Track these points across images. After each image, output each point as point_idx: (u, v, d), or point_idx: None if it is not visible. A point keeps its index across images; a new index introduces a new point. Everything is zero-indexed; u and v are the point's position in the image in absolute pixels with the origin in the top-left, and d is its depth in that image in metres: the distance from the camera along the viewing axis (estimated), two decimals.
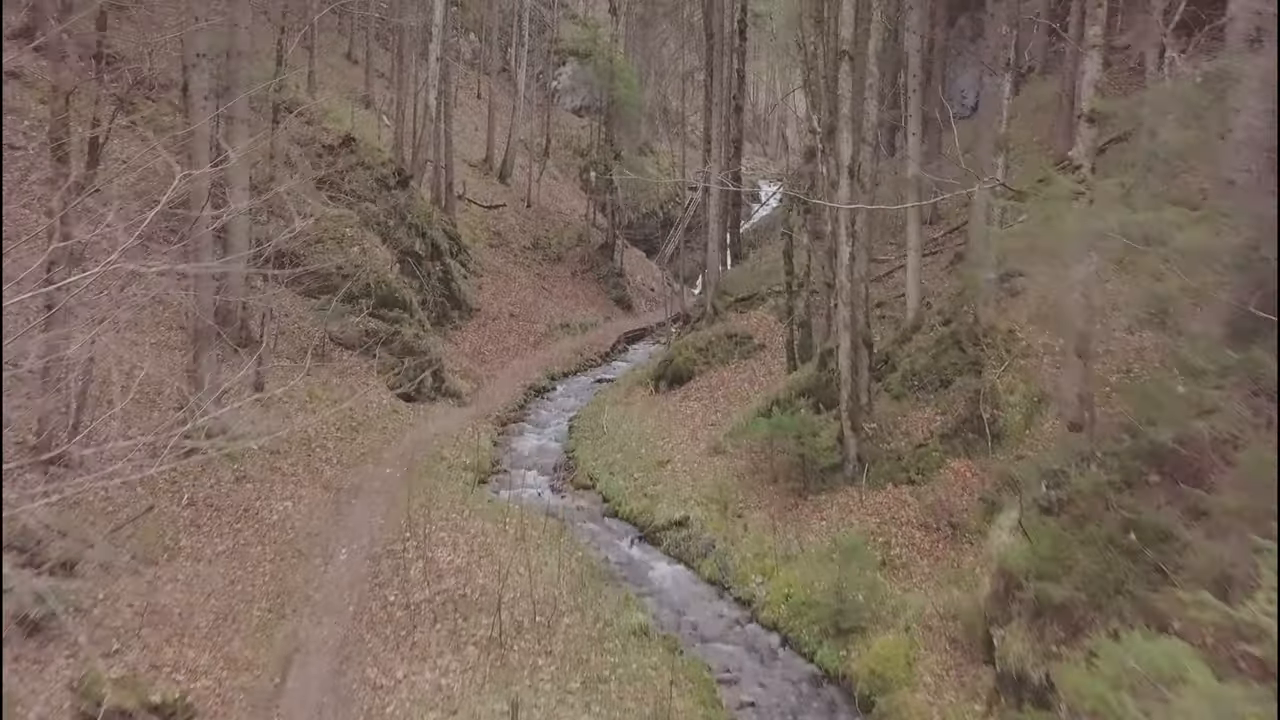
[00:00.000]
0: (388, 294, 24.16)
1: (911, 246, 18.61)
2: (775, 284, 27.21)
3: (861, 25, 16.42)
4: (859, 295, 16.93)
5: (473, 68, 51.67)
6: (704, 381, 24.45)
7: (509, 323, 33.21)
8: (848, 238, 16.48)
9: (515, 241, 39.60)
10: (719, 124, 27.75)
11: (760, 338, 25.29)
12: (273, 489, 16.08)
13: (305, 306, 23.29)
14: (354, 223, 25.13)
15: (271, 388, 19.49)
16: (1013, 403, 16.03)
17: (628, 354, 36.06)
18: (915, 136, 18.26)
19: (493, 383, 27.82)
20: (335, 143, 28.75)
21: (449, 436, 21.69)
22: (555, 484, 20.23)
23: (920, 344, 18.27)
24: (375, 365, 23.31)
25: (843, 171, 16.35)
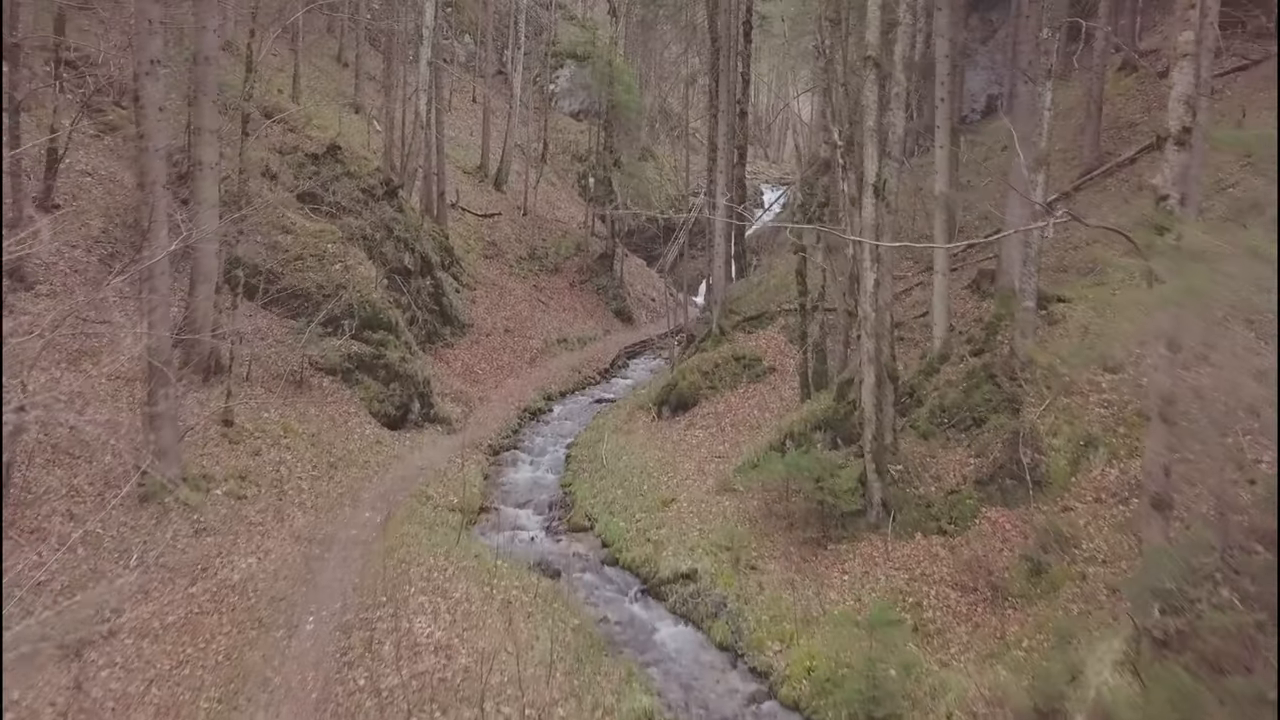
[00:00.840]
0: (372, 315, 22.57)
1: (939, 269, 17.06)
2: (785, 302, 25.67)
3: (887, 29, 14.86)
4: (884, 325, 15.38)
5: (468, 71, 50.13)
6: (710, 407, 22.89)
7: (503, 339, 31.65)
8: (872, 263, 14.92)
9: (511, 251, 38.05)
10: (725, 131, 26.17)
11: (770, 360, 23.73)
12: (237, 542, 14.49)
13: (283, 329, 21.70)
14: (336, 238, 23.56)
15: (242, 422, 17.97)
16: (1056, 446, 14.47)
17: (628, 369, 34.52)
18: (943, 150, 16.72)
19: (485, 406, 26.25)
20: (319, 151, 27.18)
21: (435, 471, 20.11)
22: (550, 525, 18.66)
23: (949, 376, 16.71)
24: (358, 392, 21.72)
25: (866, 190, 14.80)
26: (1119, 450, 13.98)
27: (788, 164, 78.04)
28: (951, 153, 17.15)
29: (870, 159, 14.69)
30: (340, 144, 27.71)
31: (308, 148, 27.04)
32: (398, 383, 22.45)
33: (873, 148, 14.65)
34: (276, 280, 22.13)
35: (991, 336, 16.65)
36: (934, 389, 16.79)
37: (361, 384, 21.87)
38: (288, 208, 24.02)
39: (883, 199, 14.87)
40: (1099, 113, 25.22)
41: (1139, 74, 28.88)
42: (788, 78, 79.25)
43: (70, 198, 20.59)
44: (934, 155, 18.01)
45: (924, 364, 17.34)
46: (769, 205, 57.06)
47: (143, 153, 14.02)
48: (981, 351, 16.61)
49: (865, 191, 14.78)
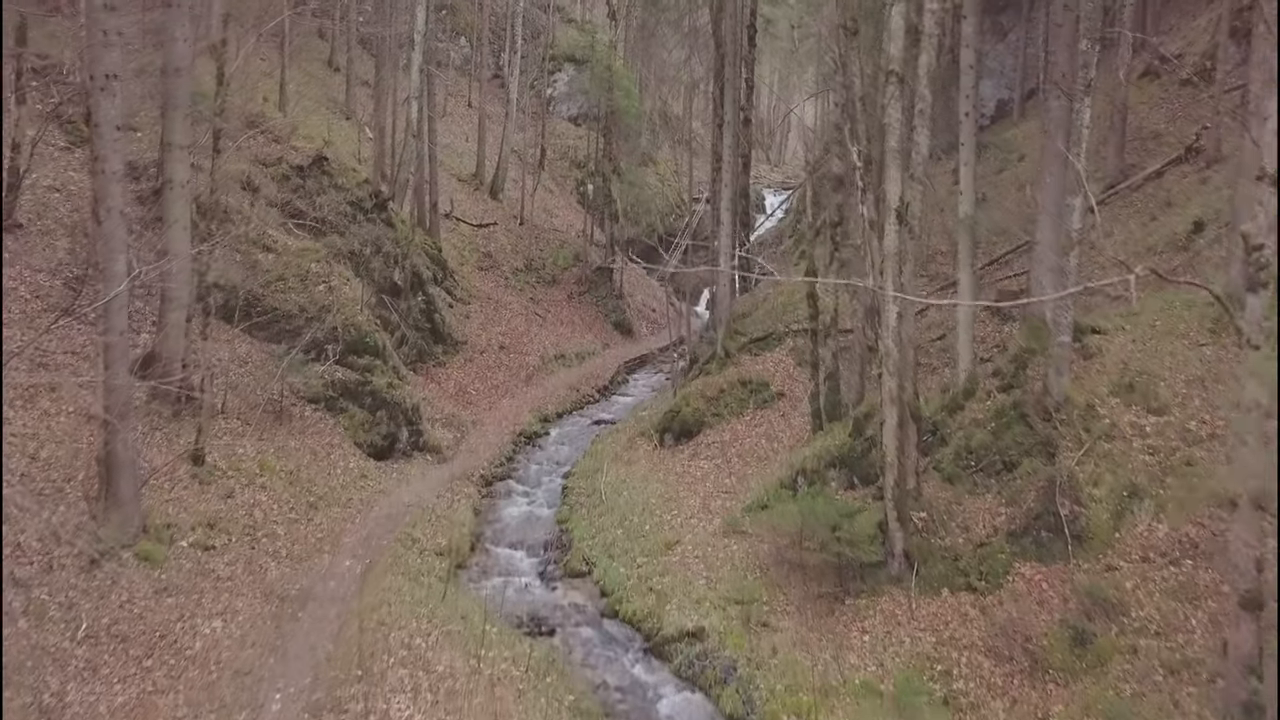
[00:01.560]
0: (357, 339, 21.33)
1: (964, 298, 15.82)
2: (793, 321, 24.45)
3: (910, 40, 13.62)
4: (907, 361, 14.14)
5: (463, 74, 48.85)
6: (715, 436, 21.65)
7: (498, 356, 30.41)
8: (894, 293, 13.69)
9: (507, 263, 36.80)
10: (730, 144, 24.93)
11: (778, 384, 22.50)
12: (201, 601, 13.25)
13: (263, 354, 20.47)
14: (321, 256, 22.31)
15: (214, 460, 16.73)
16: (1097, 497, 13.23)
17: (628, 386, 33.30)
18: (968, 168, 15.48)
19: (478, 430, 25.00)
20: (305, 163, 25.94)
21: (423, 508, 18.87)
22: (545, 570, 17.42)
23: (976, 414, 15.47)
24: (342, 421, 20.48)
25: (889, 214, 13.56)
26: (1167, 503, 12.75)
27: (789, 166, 76.92)
28: (977, 171, 15.90)
29: (893, 181, 13.46)
30: (327, 155, 26.50)
31: (293, 159, 25.80)
32: (384, 410, 21.21)
33: (896, 169, 13.41)
34: (257, 302, 20.91)
35: (1021, 371, 15.41)
36: (959, 427, 15.55)
37: (346, 413, 20.64)
38: (269, 225, 22.78)
39: (906, 224, 13.64)
40: (1123, 123, 23.99)
41: (1162, 80, 27.64)
42: (790, 80, 78.17)
43: (35, 216, 19.37)
44: (955, 170, 16.77)
45: (947, 399, 16.10)
46: (771, 211, 55.83)
47: (98, 176, 12.77)
48: (1010, 387, 15.37)
49: (887, 216, 13.54)
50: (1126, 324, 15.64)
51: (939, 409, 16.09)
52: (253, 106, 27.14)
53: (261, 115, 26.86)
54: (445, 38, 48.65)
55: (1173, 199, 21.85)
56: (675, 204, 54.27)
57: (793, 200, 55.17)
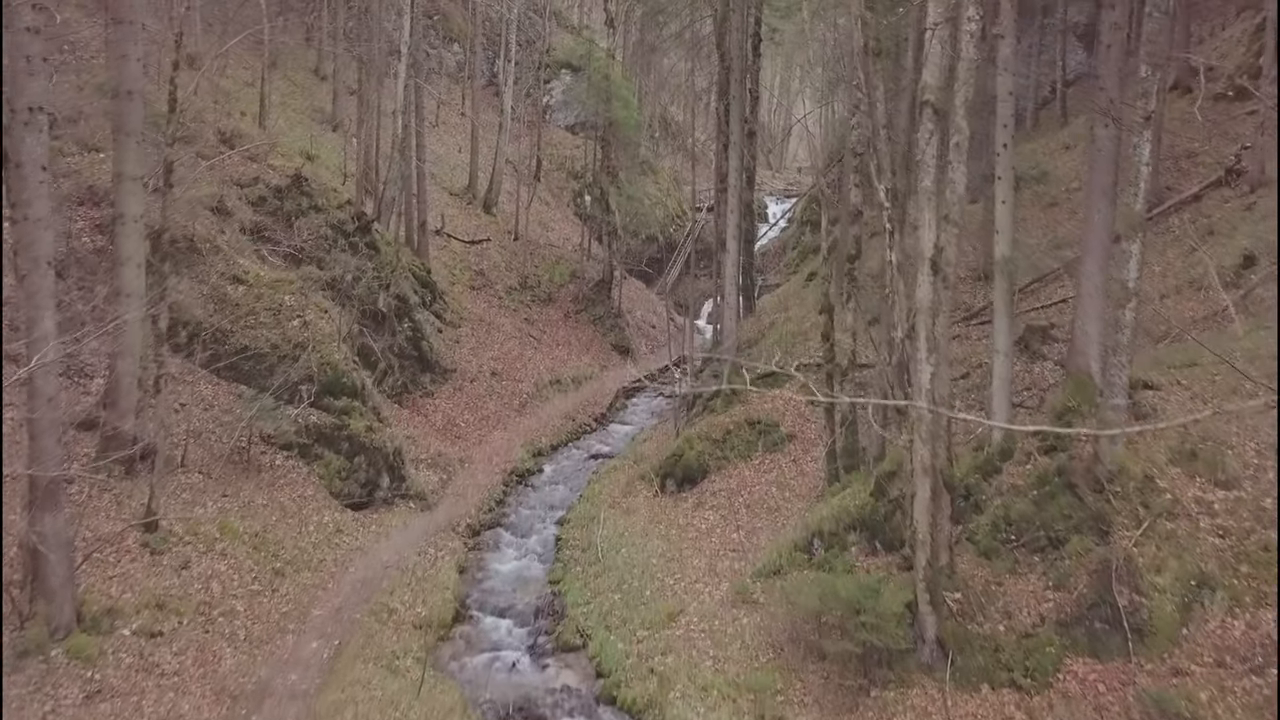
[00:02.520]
0: (334, 379, 19.71)
1: (1000, 349, 14.23)
2: (804, 354, 22.86)
3: (944, 64, 12.02)
4: (941, 425, 12.55)
5: (457, 82, 47.23)
6: (721, 482, 20.07)
7: (490, 384, 28.81)
8: (928, 352, 12.11)
9: (500, 281, 35.20)
10: (736, 166, 23.35)
11: (789, 425, 20.90)
12: (141, 705, 11.65)
13: (231, 397, 18.88)
14: (296, 288, 20.70)
15: (170, 524, 15.12)
16: (1160, 586, 11.64)
17: (627, 412, 31.70)
18: (1006, 206, 13.90)
19: (466, 470, 23.39)
20: (283, 183, 24.34)
21: (403, 569, 17.27)
22: (536, 642, 15.82)
23: (1015, 479, 13.88)
24: (316, 470, 18.89)
25: (923, 263, 11.98)
26: (1243, 596, 11.17)
27: (790, 171, 75.30)
28: (1015, 209, 14.31)
29: (927, 226, 11.87)
30: (306, 174, 24.87)
31: (270, 179, 24.21)
32: (363, 457, 19.61)
33: (930, 212, 11.83)
34: (224, 340, 19.34)
35: None
36: (996, 493, 13.96)
37: (321, 460, 19.04)
38: (241, 253, 21.18)
39: (941, 274, 12.05)
40: (1157, 142, 22.37)
41: (1193, 95, 26.03)
42: (791, 84, 76.62)
43: None
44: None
45: (981, 459, 14.50)
46: (774, 222, 54.28)
47: (20, 223, 11.16)
48: (1054, 450, 13.79)
49: (922, 266, 11.95)
50: (1183, 377, 14.05)
51: (971, 470, 14.49)
52: (228, 123, 25.60)
53: (237, 133, 25.30)
54: (438, 43, 47.08)
55: (1215, 227, 20.28)
56: (676, 214, 52.72)
57: (795, 209, 53.74)
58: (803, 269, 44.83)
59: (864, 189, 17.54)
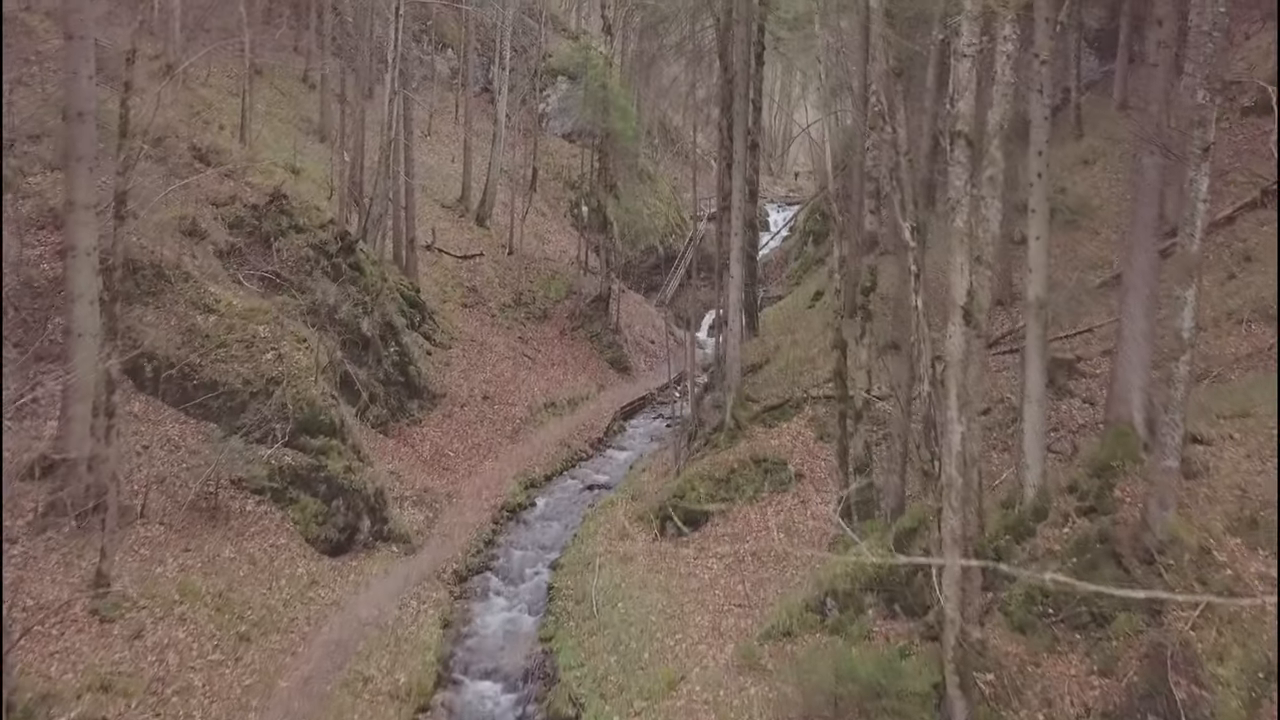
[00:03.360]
0: (310, 416, 18.41)
1: (1033, 396, 12.95)
2: (811, 384, 21.60)
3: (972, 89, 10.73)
4: (973, 489, 11.26)
5: (450, 89, 45.93)
6: (725, 526, 18.78)
7: (481, 409, 27.50)
8: (959, 410, 10.82)
9: (494, 298, 33.89)
10: (740, 186, 22.08)
11: (797, 463, 19.62)
12: None
13: (198, 437, 17.59)
14: (270, 317, 19.40)
15: (124, 585, 13.81)
16: (1224, 678, 10.35)
17: (625, 436, 30.42)
18: (1040, 243, 12.63)
19: (454, 506, 22.10)
20: (262, 201, 23.05)
21: (382, 626, 15.99)
22: (525, 712, 14.55)
23: (1051, 543, 12.60)
24: (291, 515, 17.59)
25: (954, 312, 10.71)
26: None
27: (790, 175, 74.00)
28: (1050, 245, 13.03)
29: (959, 271, 10.60)
30: (287, 192, 23.58)
31: (248, 197, 22.92)
32: (342, 499, 18.33)
33: (963, 255, 10.55)
34: (193, 374, 18.07)
35: (1106, 491, 12.55)
36: (1031, 559, 12.67)
37: (296, 504, 17.75)
38: (213, 279, 19.89)
39: (974, 324, 10.77)
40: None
41: (1219, 108, 24.72)
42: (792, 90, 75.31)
43: None
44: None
45: (1012, 518, 13.22)
46: (776, 232, 53.00)
47: None
48: (1094, 511, 12.51)
49: (954, 315, 10.68)
50: (1236, 430, 12.76)
51: (1001, 530, 13.20)
52: (204, 137, 24.31)
53: (214, 148, 24.02)
54: (430, 50, 45.81)
55: (1252, 252, 19.00)
56: (676, 223, 51.44)
57: (797, 218, 52.47)
58: (805, 281, 43.61)
59: (878, 215, 16.28)
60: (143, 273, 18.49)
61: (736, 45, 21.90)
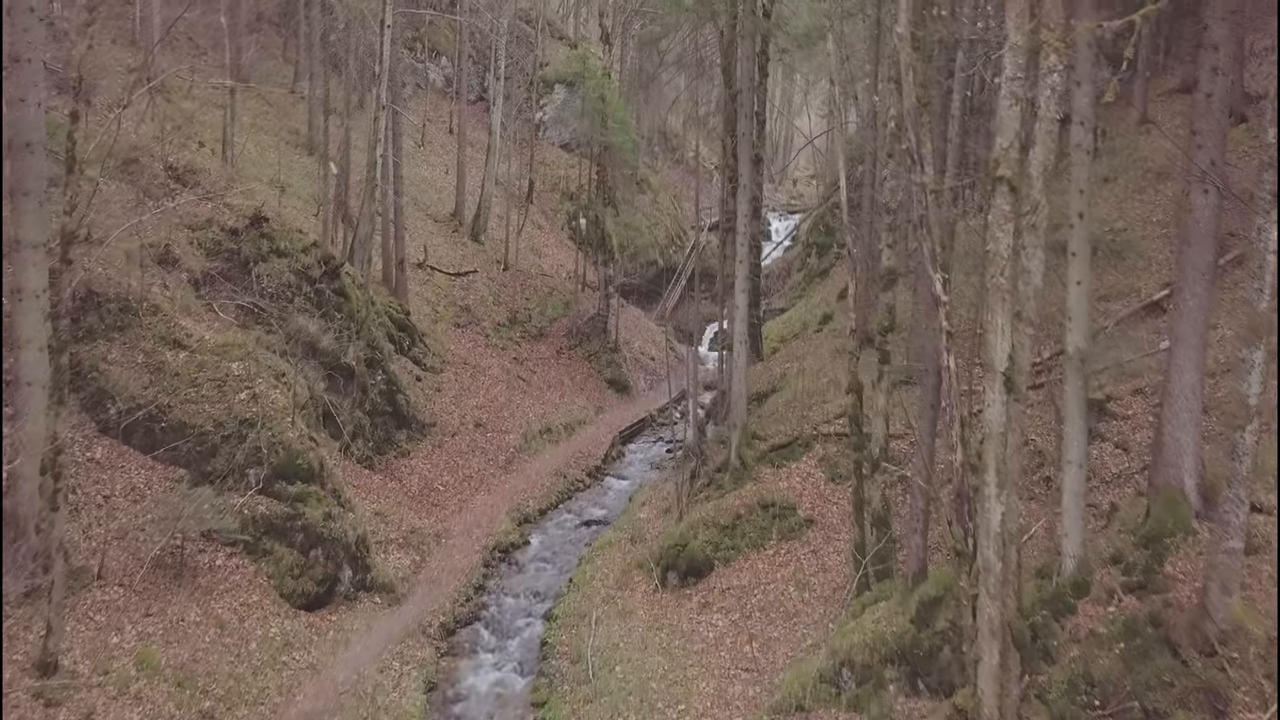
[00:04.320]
0: (287, 460, 17.19)
1: (1073, 459, 11.75)
2: (822, 421, 20.40)
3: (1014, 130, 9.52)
4: (1012, 568, 10.05)
5: (445, 97, 44.71)
6: (731, 577, 17.58)
7: (473, 438, 26.30)
8: (998, 487, 9.63)
9: (488, 318, 32.69)
10: (746, 209, 20.88)
11: (807, 507, 18.42)
12: None
13: (165, 483, 16.38)
14: (246, 352, 18.16)
15: (73, 661, 12.60)
16: None
17: (624, 462, 29.20)
18: (1081, 288, 11.45)
19: (443, 547, 20.90)
20: (241, 224, 21.83)
21: (360, 694, 14.78)
22: None
23: (1094, 623, 11.40)
24: (265, 568, 16.38)
25: (992, 379, 9.51)
26: None
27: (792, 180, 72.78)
28: (1091, 293, 11.84)
29: (998, 332, 9.40)
30: (268, 214, 22.35)
31: (226, 220, 21.70)
32: (321, 549, 17.10)
33: (1003, 314, 9.36)
34: (161, 416, 16.85)
35: (1156, 564, 11.36)
36: (1071, 639, 11.47)
37: (270, 556, 16.52)
38: (185, 311, 18.68)
39: (1015, 392, 9.57)
40: None
41: (1249, 125, 23.55)
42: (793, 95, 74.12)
43: None
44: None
45: (1050, 591, 12.01)
46: (778, 242, 51.78)
47: None
48: (1142, 587, 11.32)
49: (993, 382, 9.48)
50: None
51: (1037, 605, 11.99)
52: (181, 155, 23.09)
53: (191, 167, 22.81)
54: (424, 57, 44.64)
55: None
56: (675, 234, 50.25)
57: (801, 227, 51.28)
58: (809, 293, 42.44)
59: (895, 249, 15.09)
60: (107, 307, 17.29)
61: (742, 63, 20.67)
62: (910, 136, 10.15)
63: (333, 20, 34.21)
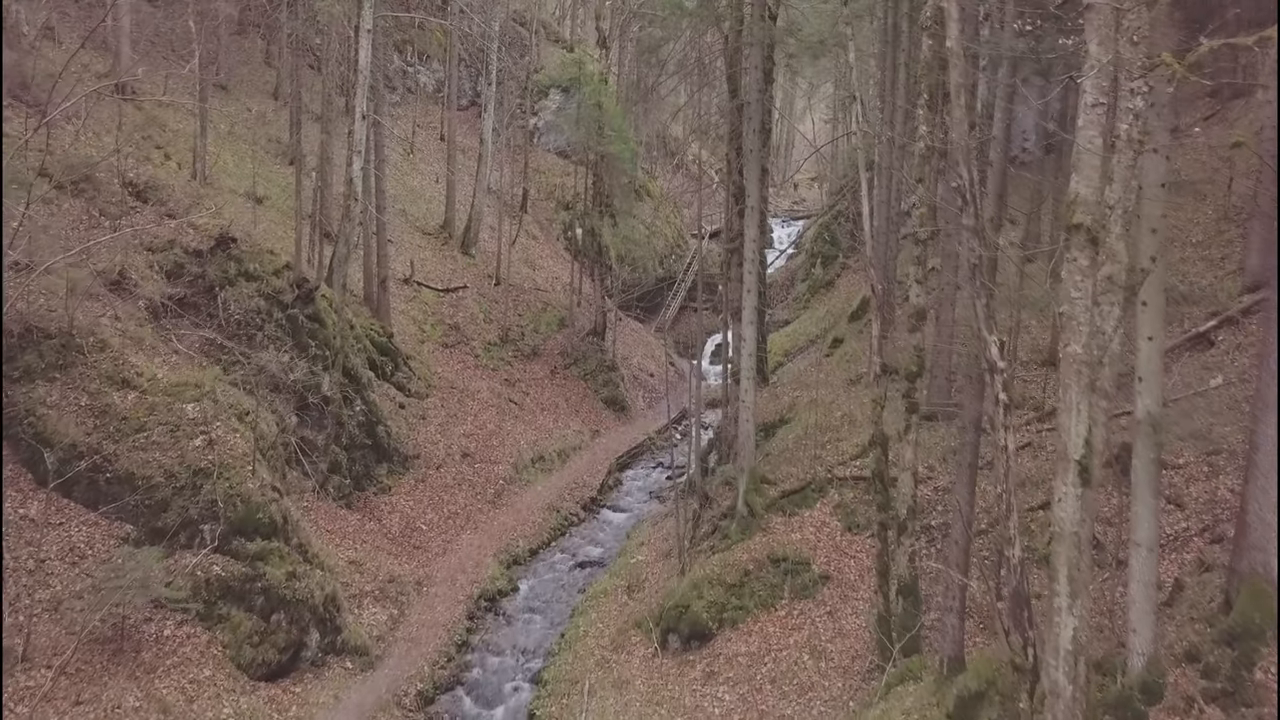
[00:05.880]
0: (245, 515, 15.48)
1: (1143, 541, 10.07)
2: (837, 463, 18.72)
3: None
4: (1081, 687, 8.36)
5: (436, 102, 42.95)
6: (738, 641, 15.89)
7: (459, 469, 24.61)
8: (1071, 598, 7.95)
9: (478, 336, 30.97)
10: (753, 234, 19.21)
11: (822, 562, 16.74)
12: None
13: (109, 541, 14.69)
14: (203, 392, 16.44)
15: None
16: None
17: (621, 492, 27.54)
18: (1153, 345, 9.79)
19: (424, 598, 19.22)
20: (206, 245, 20.11)
21: None
22: None
23: None
24: (220, 636, 14.68)
25: (1066, 468, 7.83)
26: None
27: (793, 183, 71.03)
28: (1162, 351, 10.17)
29: (1074, 413, 7.72)
30: (236, 234, 20.62)
31: (189, 241, 19.98)
32: (284, 612, 15.41)
33: (1079, 390, 7.67)
34: (107, 466, 15.15)
35: (1244, 669, 9.69)
36: None
37: (227, 622, 14.84)
38: (138, 345, 16.97)
39: (1090, 481, 7.90)
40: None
41: None
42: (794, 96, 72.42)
43: None
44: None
45: (1113, 694, 10.33)
46: (783, 249, 50.08)
47: None
48: (1228, 695, 9.65)
49: (1062, 471, 7.80)
50: None
51: (1099, 709, 10.31)
52: (142, 170, 21.40)
53: (153, 182, 21.12)
54: (414, 60, 42.91)
55: None
56: (675, 242, 48.60)
57: (804, 235, 49.59)
58: (814, 305, 40.77)
59: (925, 285, 13.42)
60: (47, 343, 15.59)
61: (749, 72, 18.97)
62: (963, 173, 8.47)
63: (315, 22, 32.53)
